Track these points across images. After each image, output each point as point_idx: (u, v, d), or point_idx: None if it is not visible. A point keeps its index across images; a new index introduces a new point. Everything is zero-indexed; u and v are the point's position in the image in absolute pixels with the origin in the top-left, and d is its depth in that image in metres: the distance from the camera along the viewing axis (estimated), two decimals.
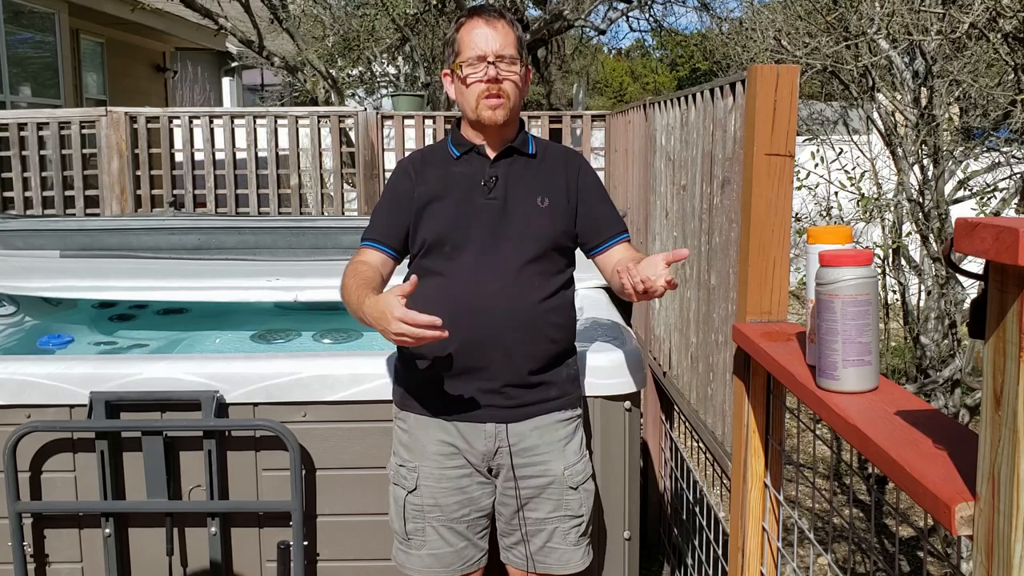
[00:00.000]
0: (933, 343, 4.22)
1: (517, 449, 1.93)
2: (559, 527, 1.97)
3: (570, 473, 1.97)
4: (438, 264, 1.91)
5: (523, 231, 1.91)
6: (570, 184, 1.99)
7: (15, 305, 3.43)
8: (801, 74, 2.74)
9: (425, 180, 1.95)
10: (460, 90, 1.92)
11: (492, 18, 1.89)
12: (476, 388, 1.90)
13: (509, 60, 1.88)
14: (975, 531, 0.91)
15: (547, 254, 1.93)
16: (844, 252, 1.33)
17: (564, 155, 2.06)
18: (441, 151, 2.02)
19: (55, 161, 5.90)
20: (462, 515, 1.95)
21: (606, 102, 25.66)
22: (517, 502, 1.95)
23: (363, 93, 11.45)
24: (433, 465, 1.94)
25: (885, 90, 4.30)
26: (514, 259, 1.89)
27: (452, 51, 1.93)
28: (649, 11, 12.61)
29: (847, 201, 4.88)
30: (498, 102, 1.88)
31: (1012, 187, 4.28)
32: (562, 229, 1.95)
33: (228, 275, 3.26)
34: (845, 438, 1.20)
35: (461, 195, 1.92)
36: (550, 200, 1.94)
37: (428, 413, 1.95)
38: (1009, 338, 0.83)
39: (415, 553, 1.97)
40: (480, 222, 1.90)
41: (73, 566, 2.35)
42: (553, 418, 1.96)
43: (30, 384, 2.27)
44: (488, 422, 1.91)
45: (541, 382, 1.93)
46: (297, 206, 6.03)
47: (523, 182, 1.95)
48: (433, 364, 1.91)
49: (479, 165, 1.95)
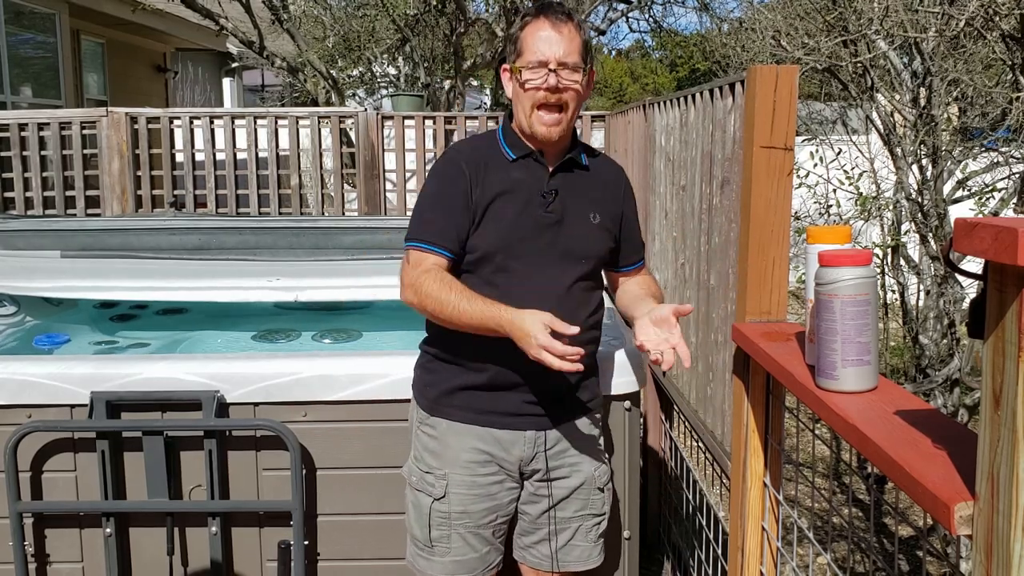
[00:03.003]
0: (932, 343, 4.22)
1: (553, 452, 1.93)
2: (583, 525, 2.00)
3: (599, 474, 2.00)
4: (490, 275, 1.84)
5: (576, 249, 1.88)
6: (618, 205, 1.98)
7: (16, 305, 3.43)
8: (800, 74, 2.74)
9: (485, 183, 1.84)
10: (517, 92, 1.84)
11: (559, 21, 1.80)
12: (518, 398, 1.88)
13: (572, 67, 1.79)
14: (974, 531, 0.91)
15: (594, 270, 1.94)
16: (843, 252, 1.34)
17: (614, 172, 2.03)
18: (494, 150, 1.90)
19: (56, 161, 5.90)
20: (488, 521, 1.94)
21: (606, 102, 25.67)
22: (549, 502, 1.96)
23: (363, 93, 11.45)
24: (464, 472, 1.91)
25: (884, 90, 4.30)
26: (566, 276, 1.87)
27: (514, 49, 1.85)
28: (649, 12, 12.62)
29: (846, 200, 4.88)
30: (556, 117, 1.81)
31: (1010, 187, 4.28)
32: (608, 246, 1.96)
33: (228, 275, 3.26)
34: (844, 438, 1.20)
35: (520, 206, 1.84)
36: (600, 218, 1.92)
37: (462, 420, 1.90)
38: (1008, 338, 0.83)
39: (438, 560, 1.95)
40: (536, 235, 1.85)
41: (74, 566, 2.35)
42: (585, 421, 1.98)
43: (31, 384, 2.27)
44: (529, 429, 1.90)
45: (577, 388, 1.95)
46: (297, 206, 6.03)
47: (578, 197, 1.91)
48: (475, 373, 1.88)
49: (538, 174, 1.87)
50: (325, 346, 3.37)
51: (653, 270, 3.36)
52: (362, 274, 3.22)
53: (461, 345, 1.87)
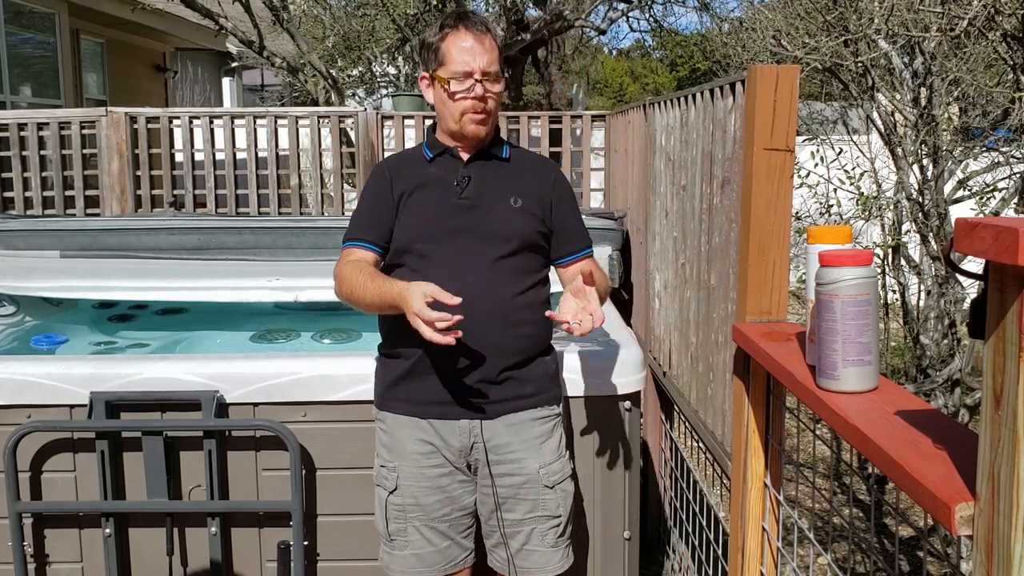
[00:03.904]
0: (933, 343, 4.22)
1: (491, 446, 1.94)
2: (536, 528, 1.98)
3: (546, 472, 1.97)
4: (413, 262, 1.92)
5: (496, 229, 1.93)
6: (544, 192, 2.01)
7: (15, 305, 3.43)
8: (801, 74, 2.74)
9: (403, 181, 1.97)
10: (442, 99, 1.93)
11: (480, 32, 1.90)
12: (450, 385, 1.91)
13: (494, 77, 1.91)
14: (975, 531, 0.91)
15: (520, 252, 1.94)
16: (844, 252, 1.33)
17: (540, 163, 2.11)
18: (415, 154, 2.04)
19: (55, 161, 5.90)
20: (443, 514, 1.96)
21: (606, 102, 25.67)
22: (494, 500, 1.96)
23: (363, 93, 11.45)
24: (412, 464, 1.95)
25: (884, 90, 4.30)
26: (487, 256, 1.91)
27: (435, 58, 1.93)
28: (649, 11, 12.60)
29: (847, 200, 4.88)
30: (483, 118, 1.92)
31: (1011, 187, 4.28)
32: (535, 229, 1.97)
33: (228, 275, 3.26)
34: (845, 438, 1.20)
35: (434, 196, 1.95)
36: (523, 202, 1.96)
37: (404, 412, 1.96)
38: (1009, 338, 0.83)
39: (398, 554, 1.98)
40: (453, 221, 1.92)
41: (73, 566, 2.35)
42: (528, 416, 1.97)
43: (30, 384, 2.27)
44: (462, 419, 1.92)
45: (514, 378, 1.94)
46: (297, 206, 6.02)
47: (496, 183, 1.97)
48: (408, 362, 1.93)
49: (452, 166, 1.98)
50: (325, 346, 3.37)
51: (653, 270, 3.36)
52: None
53: (393, 335, 1.94)
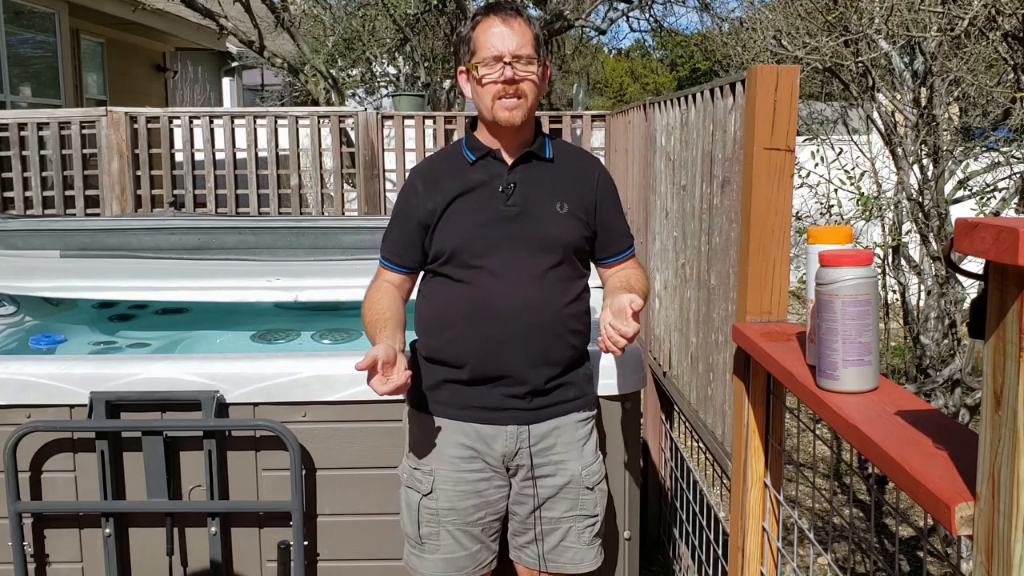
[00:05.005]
0: (933, 343, 4.22)
1: (537, 449, 1.92)
2: (574, 526, 1.98)
3: (587, 473, 1.97)
4: (459, 272, 1.88)
5: (543, 237, 1.89)
6: (588, 192, 1.96)
7: (15, 305, 3.43)
8: (801, 74, 2.74)
9: (440, 191, 1.91)
10: (475, 90, 1.89)
11: (508, 16, 1.85)
12: (499, 392, 1.89)
13: (526, 60, 1.84)
14: (975, 531, 0.91)
15: (567, 259, 1.92)
16: (844, 252, 1.33)
17: (586, 162, 2.03)
18: (454, 156, 1.98)
19: (55, 161, 5.90)
20: (478, 518, 1.94)
21: (606, 102, 25.66)
22: (535, 501, 1.95)
23: (363, 93, 11.44)
24: (450, 468, 1.92)
25: (885, 90, 4.30)
26: (536, 265, 1.88)
27: (467, 49, 1.89)
28: (649, 11, 12.59)
29: (847, 200, 4.88)
30: (515, 103, 1.85)
31: (1012, 187, 4.28)
32: (582, 234, 1.94)
33: (228, 275, 3.26)
34: (845, 438, 1.20)
35: (479, 203, 1.89)
36: (569, 206, 1.92)
37: (447, 416, 1.93)
38: (1009, 338, 0.83)
39: (428, 557, 1.96)
40: (501, 230, 1.88)
41: (73, 566, 2.35)
42: (572, 418, 1.97)
43: (30, 384, 2.27)
44: (510, 424, 1.90)
45: (562, 383, 1.94)
46: (297, 206, 6.02)
47: (541, 188, 1.92)
48: (455, 368, 1.90)
49: (496, 170, 1.91)
50: (325, 346, 3.37)
51: (653, 270, 3.36)
52: (362, 274, 3.20)
53: (443, 340, 1.91)
